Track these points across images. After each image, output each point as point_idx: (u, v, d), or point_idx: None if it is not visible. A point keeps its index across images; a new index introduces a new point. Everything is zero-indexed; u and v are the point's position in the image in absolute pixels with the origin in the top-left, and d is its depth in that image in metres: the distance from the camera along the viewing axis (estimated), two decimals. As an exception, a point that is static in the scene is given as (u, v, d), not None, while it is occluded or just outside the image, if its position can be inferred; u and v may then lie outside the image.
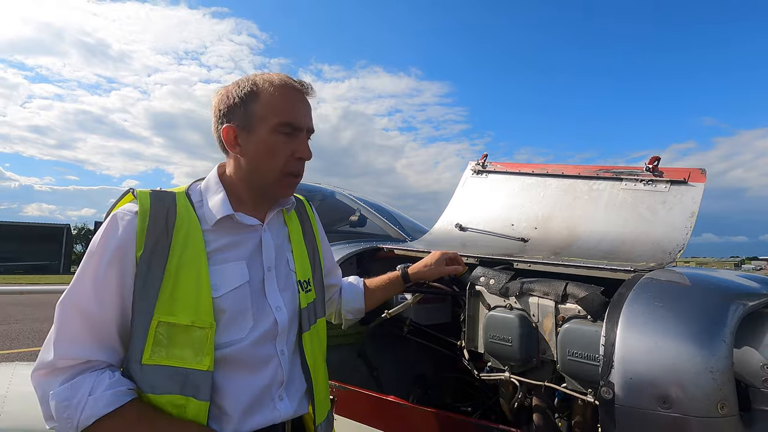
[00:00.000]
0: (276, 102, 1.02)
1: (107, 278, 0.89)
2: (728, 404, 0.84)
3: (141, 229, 0.92)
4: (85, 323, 0.88)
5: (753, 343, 1.02)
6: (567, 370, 1.09)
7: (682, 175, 1.42)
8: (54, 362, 0.85)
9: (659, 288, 1.02)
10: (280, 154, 1.03)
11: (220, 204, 1.02)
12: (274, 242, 1.08)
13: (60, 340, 0.86)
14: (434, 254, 1.48)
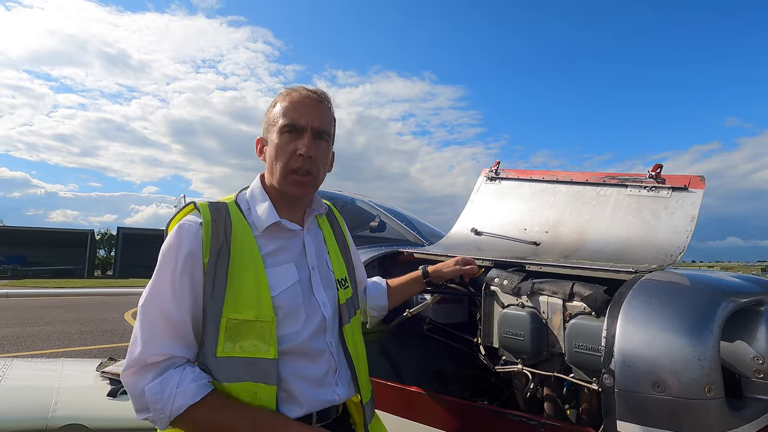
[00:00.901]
0: (282, 108, 1.15)
1: (182, 284, 1.01)
2: (715, 388, 0.95)
3: (206, 239, 1.03)
4: (167, 324, 1.00)
5: (745, 337, 1.12)
6: (573, 361, 1.21)
7: (683, 182, 1.52)
8: (143, 359, 0.97)
9: (656, 287, 1.13)
10: (283, 152, 1.13)
11: (267, 212, 1.13)
12: (314, 245, 1.22)
13: (147, 340, 0.98)
14: (454, 259, 1.61)
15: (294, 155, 1.12)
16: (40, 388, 2.24)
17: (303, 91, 1.17)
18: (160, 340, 0.99)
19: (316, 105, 1.16)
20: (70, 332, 9.95)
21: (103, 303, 16.85)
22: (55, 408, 2.05)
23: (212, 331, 1.01)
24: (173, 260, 1.02)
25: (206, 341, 1.01)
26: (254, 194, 1.18)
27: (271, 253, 1.11)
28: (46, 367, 2.69)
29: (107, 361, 2.67)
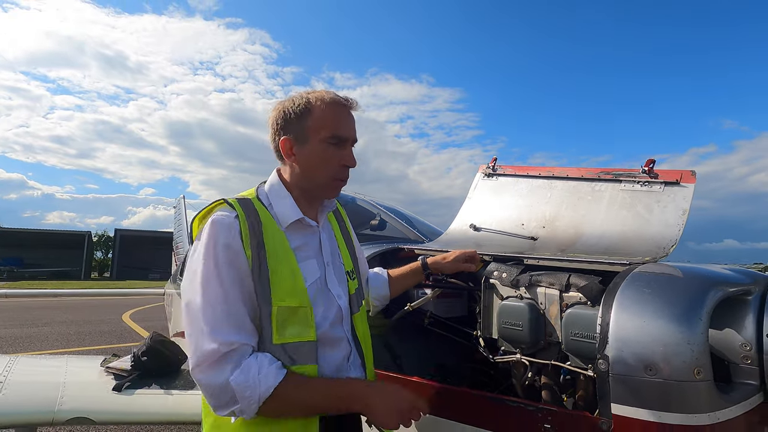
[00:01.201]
0: (326, 117, 1.18)
1: (229, 276, 1.03)
2: (703, 370, 1.00)
3: (245, 231, 1.07)
4: (224, 315, 1.02)
5: (733, 325, 1.17)
6: (570, 348, 1.25)
7: (674, 177, 1.58)
8: (218, 350, 0.99)
9: (649, 278, 1.18)
10: (330, 162, 1.19)
11: (291, 208, 1.19)
12: (328, 241, 1.28)
13: (211, 334, 1.00)
14: (454, 252, 1.66)
15: (340, 166, 1.20)
16: (46, 383, 2.27)
17: (343, 100, 1.22)
18: (224, 331, 1.01)
19: (352, 116, 1.23)
20: (69, 333, 9.94)
21: (101, 305, 16.80)
22: (62, 402, 2.08)
23: (267, 320, 1.06)
24: (215, 254, 1.04)
25: (263, 330, 1.06)
26: (275, 190, 1.23)
27: (298, 248, 1.18)
28: (51, 364, 2.72)
29: (111, 357, 2.70)
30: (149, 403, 2.26)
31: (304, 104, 1.19)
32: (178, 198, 10.30)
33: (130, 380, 2.37)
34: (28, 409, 2.04)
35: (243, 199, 1.17)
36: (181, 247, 8.73)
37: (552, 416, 1.18)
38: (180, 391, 2.41)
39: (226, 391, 1.00)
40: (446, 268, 1.63)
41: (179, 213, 9.73)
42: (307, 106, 1.19)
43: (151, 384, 2.40)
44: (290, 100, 1.22)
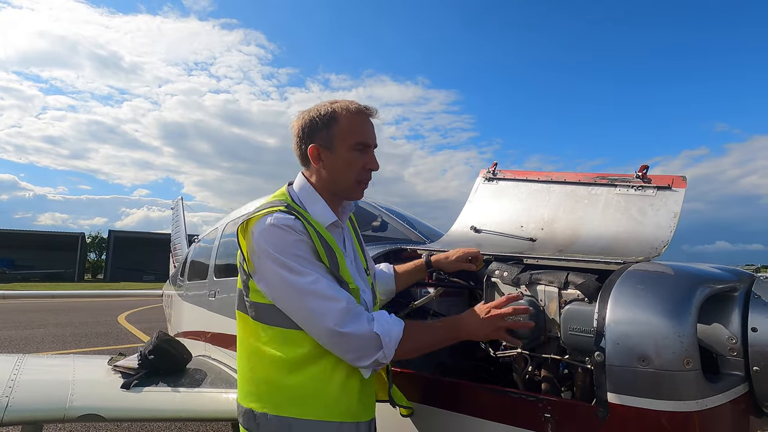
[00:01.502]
0: (352, 125, 1.29)
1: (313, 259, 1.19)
2: (692, 361, 1.08)
3: (309, 228, 1.21)
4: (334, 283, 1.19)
5: (720, 320, 1.25)
6: (569, 343, 1.33)
7: (666, 182, 1.66)
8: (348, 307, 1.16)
9: (642, 275, 1.26)
10: (355, 166, 1.30)
11: (326, 211, 1.32)
12: (350, 241, 1.41)
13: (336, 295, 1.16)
14: (458, 250, 1.75)
15: (364, 170, 1.32)
16: (56, 381, 2.32)
17: (365, 110, 1.33)
18: (342, 293, 1.18)
19: (372, 123, 1.35)
20: (65, 335, 9.90)
21: (96, 307, 16.72)
22: (72, 399, 2.13)
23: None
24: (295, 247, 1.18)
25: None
26: (307, 194, 1.33)
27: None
28: (59, 363, 2.77)
29: (117, 356, 2.75)
30: (158, 400, 2.31)
31: (330, 114, 1.30)
32: (175, 200, 10.33)
33: (137, 378, 2.42)
34: (40, 406, 2.08)
35: (286, 203, 1.27)
36: (179, 249, 8.74)
37: (552, 406, 1.25)
38: (187, 389, 2.47)
39: (372, 338, 1.17)
40: (449, 266, 1.72)
41: (177, 214, 9.74)
42: (333, 115, 1.30)
43: (159, 382, 2.46)
44: (316, 109, 1.32)
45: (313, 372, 1.18)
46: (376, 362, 1.18)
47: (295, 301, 1.17)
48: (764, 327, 1.16)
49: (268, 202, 1.29)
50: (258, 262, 1.19)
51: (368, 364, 1.18)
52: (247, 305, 1.26)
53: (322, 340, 1.17)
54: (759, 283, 1.26)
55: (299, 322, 1.18)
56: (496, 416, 1.37)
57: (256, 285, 1.22)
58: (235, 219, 3.48)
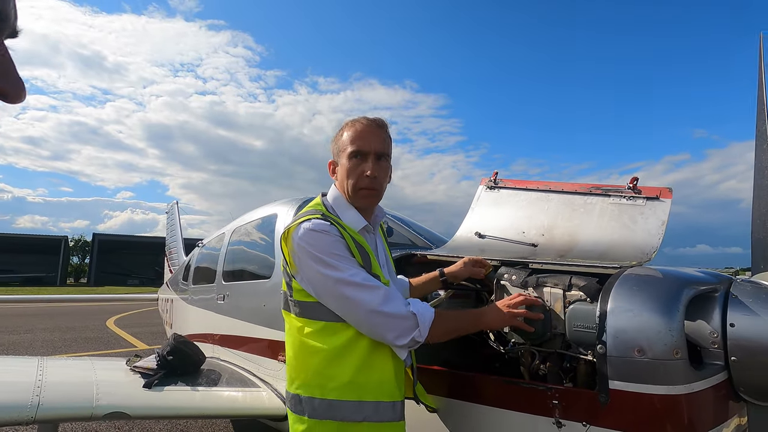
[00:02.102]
0: (350, 137, 1.42)
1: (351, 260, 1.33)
2: (681, 351, 1.26)
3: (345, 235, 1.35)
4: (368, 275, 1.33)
5: (704, 317, 1.44)
6: (573, 338, 1.50)
7: (655, 193, 1.85)
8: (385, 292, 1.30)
9: (637, 278, 1.44)
10: (353, 174, 1.42)
11: (357, 217, 1.45)
12: (381, 246, 1.56)
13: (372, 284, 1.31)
14: (463, 259, 1.92)
15: (361, 176, 1.41)
16: (81, 381, 2.41)
17: (365, 121, 1.46)
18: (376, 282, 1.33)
19: (377, 132, 1.44)
20: (54, 340, 9.78)
21: (82, 311, 16.43)
22: (98, 398, 2.23)
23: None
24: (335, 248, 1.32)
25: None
26: (339, 203, 1.47)
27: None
28: (79, 365, 2.85)
29: (134, 358, 2.85)
30: (179, 398, 2.42)
31: (340, 129, 1.48)
32: (170, 203, 10.29)
33: (158, 378, 2.52)
34: (69, 404, 2.18)
35: (321, 211, 1.41)
36: (174, 253, 8.74)
37: (559, 393, 1.42)
38: (205, 388, 2.58)
39: (409, 317, 1.31)
40: (460, 275, 1.89)
41: (172, 218, 9.73)
42: (339, 131, 1.47)
43: (177, 382, 2.57)
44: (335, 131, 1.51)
45: (352, 359, 1.32)
46: (413, 341, 1.32)
47: (336, 292, 1.30)
48: (741, 323, 1.35)
49: (305, 212, 1.43)
50: (299, 262, 1.33)
51: (407, 342, 1.31)
52: (291, 304, 1.41)
53: (364, 325, 1.31)
54: (736, 285, 1.45)
55: (341, 312, 1.31)
56: (509, 405, 1.53)
57: (299, 284, 1.36)
58: (241, 225, 3.60)
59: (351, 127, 1.44)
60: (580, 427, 1.37)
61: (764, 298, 1.36)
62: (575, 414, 1.39)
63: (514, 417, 1.51)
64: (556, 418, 1.42)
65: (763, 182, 1.50)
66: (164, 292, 6.75)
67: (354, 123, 1.45)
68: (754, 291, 1.40)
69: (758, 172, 1.52)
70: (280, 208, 3.02)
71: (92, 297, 13.05)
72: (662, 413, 1.25)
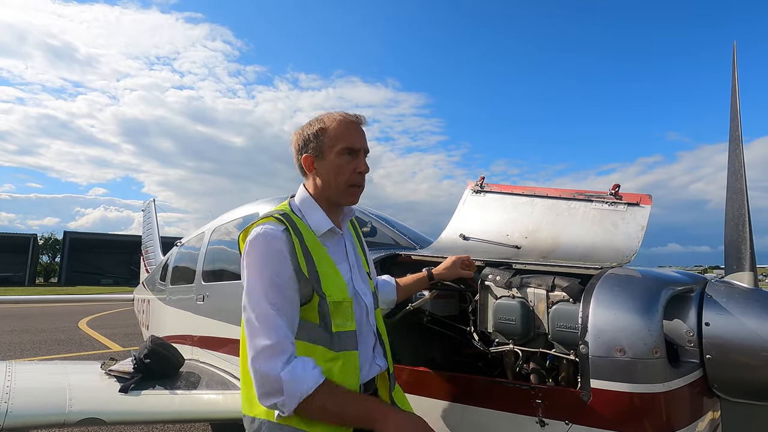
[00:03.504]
0: (339, 132, 1.35)
1: (283, 281, 1.20)
2: (660, 350, 1.30)
3: (295, 241, 1.24)
4: (281, 316, 1.18)
5: (680, 316, 1.49)
6: (556, 338, 1.53)
7: (635, 199, 1.91)
8: (272, 346, 1.14)
9: (618, 279, 1.48)
10: (345, 170, 1.35)
11: (323, 219, 1.37)
12: (351, 245, 1.47)
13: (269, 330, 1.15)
14: (450, 259, 1.90)
15: (354, 173, 1.36)
16: (52, 387, 2.32)
17: (353, 117, 1.39)
18: (281, 330, 1.17)
19: (362, 129, 1.40)
20: (22, 342, 9.40)
21: (51, 312, 15.85)
22: (71, 404, 2.15)
23: (326, 313, 1.25)
24: (270, 261, 1.21)
25: (324, 321, 1.25)
26: (306, 203, 1.40)
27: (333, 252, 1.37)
28: (51, 369, 2.74)
29: (109, 361, 2.76)
30: (157, 402, 2.36)
31: (319, 124, 1.37)
32: (147, 201, 10.06)
33: (134, 382, 2.45)
34: (39, 411, 2.09)
35: (284, 213, 1.33)
36: (151, 252, 8.53)
37: (543, 392, 1.45)
38: (184, 391, 2.52)
39: (276, 381, 1.13)
40: (448, 275, 1.87)
41: (149, 217, 9.50)
42: (321, 125, 1.37)
43: (155, 385, 2.50)
44: (308, 124, 1.41)
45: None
46: (275, 406, 1.16)
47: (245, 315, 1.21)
48: (715, 322, 1.40)
49: (267, 213, 1.35)
50: (244, 271, 1.25)
51: (267, 404, 1.17)
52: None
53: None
54: (711, 285, 1.51)
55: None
56: (493, 404, 1.55)
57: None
58: (221, 225, 3.53)
59: (339, 123, 1.36)
60: (563, 425, 1.40)
61: (737, 298, 1.42)
62: (558, 413, 1.42)
63: (497, 416, 1.53)
64: (539, 417, 1.44)
65: (736, 185, 1.55)
66: (140, 292, 6.58)
67: (341, 119, 1.38)
68: (727, 291, 1.45)
69: (731, 176, 1.58)
70: (261, 207, 2.98)
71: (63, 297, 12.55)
72: (642, 411, 1.29)
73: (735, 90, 1.61)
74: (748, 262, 1.47)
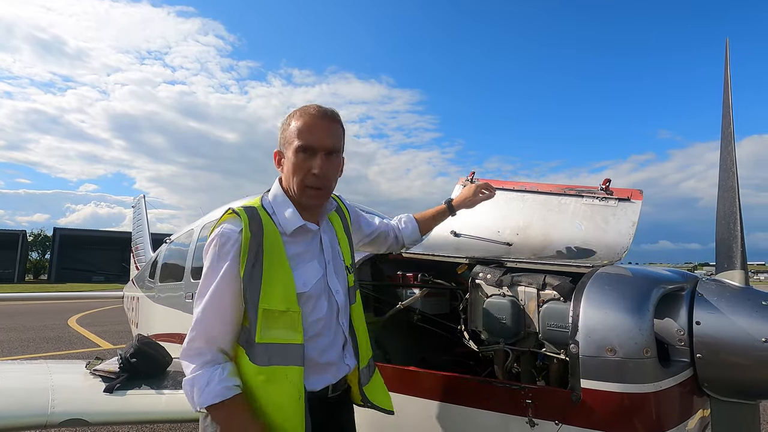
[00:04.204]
0: (296, 128, 1.27)
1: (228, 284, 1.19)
2: (651, 350, 1.29)
3: (245, 244, 1.20)
4: (217, 318, 1.19)
5: (671, 315, 1.47)
6: (546, 337, 1.51)
7: (626, 194, 1.89)
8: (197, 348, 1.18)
9: (608, 278, 1.46)
10: (299, 170, 1.28)
11: (294, 216, 1.29)
12: (329, 240, 1.41)
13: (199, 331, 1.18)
14: (470, 187, 1.91)
15: (308, 173, 1.28)
16: (34, 387, 2.27)
17: (315, 111, 1.30)
18: (208, 333, 1.19)
19: (327, 125, 1.30)
20: (10, 340, 9.27)
21: (41, 309, 15.67)
22: (54, 404, 2.10)
23: (252, 320, 1.19)
24: (217, 264, 1.20)
25: (249, 329, 1.20)
26: (278, 200, 1.33)
27: (300, 253, 1.30)
28: (33, 369, 2.67)
29: (95, 361, 2.70)
30: (143, 402, 2.31)
31: (286, 119, 1.33)
32: (137, 197, 9.91)
33: (120, 382, 2.40)
34: (20, 413, 2.04)
35: (249, 207, 1.28)
36: (141, 249, 8.42)
37: (533, 392, 1.43)
38: (171, 390, 2.47)
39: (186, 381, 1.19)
40: (468, 204, 1.88)
41: (139, 213, 9.37)
42: (287, 120, 1.32)
43: (142, 385, 2.45)
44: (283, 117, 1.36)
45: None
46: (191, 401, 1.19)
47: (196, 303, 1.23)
48: (706, 321, 1.39)
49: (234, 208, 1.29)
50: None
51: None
52: None
53: None
54: (702, 284, 1.49)
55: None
56: (483, 404, 1.53)
57: None
58: (211, 221, 3.48)
59: (300, 118, 1.29)
60: (553, 425, 1.38)
61: (728, 297, 1.40)
62: (548, 413, 1.40)
63: (487, 416, 1.51)
64: (529, 417, 1.42)
65: (727, 183, 1.54)
66: (130, 289, 6.50)
67: (303, 113, 1.30)
68: (718, 290, 1.44)
69: (723, 173, 1.57)
70: (252, 204, 2.93)
71: (53, 295, 12.41)
72: (632, 411, 1.27)
73: (728, 87, 1.59)
74: (739, 261, 1.46)
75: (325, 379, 1.30)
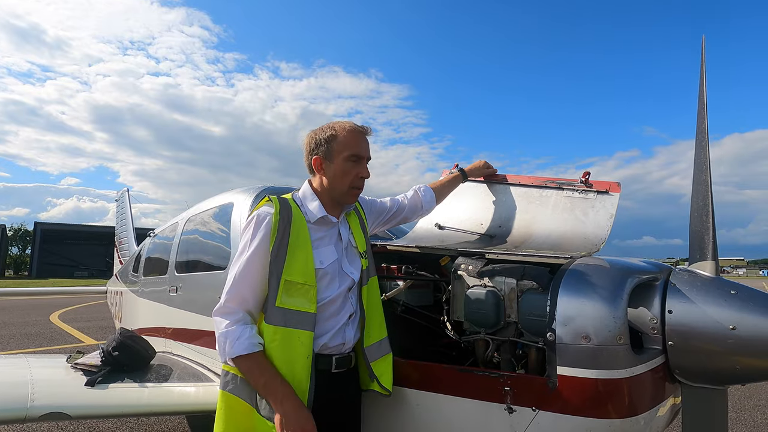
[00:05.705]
0: (347, 141, 1.60)
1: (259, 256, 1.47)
2: (624, 338, 1.33)
3: (275, 224, 1.49)
4: (247, 284, 1.47)
5: (644, 304, 1.52)
6: (525, 326, 1.54)
7: (605, 187, 1.93)
8: (229, 308, 1.45)
9: (585, 268, 1.50)
10: (349, 175, 1.60)
11: (318, 208, 1.60)
12: (346, 233, 1.68)
13: (232, 293, 1.46)
14: (480, 161, 2.34)
15: (357, 177, 1.62)
16: (13, 380, 2.24)
17: (359, 128, 1.65)
18: (241, 295, 1.47)
19: (367, 139, 1.66)
20: (6, 335, 9.08)
21: (22, 305, 15.35)
22: (33, 398, 2.08)
23: (274, 288, 1.46)
24: (253, 238, 1.49)
25: (270, 295, 1.47)
26: (306, 195, 1.65)
27: (321, 238, 1.59)
28: (12, 363, 2.64)
29: (76, 355, 2.68)
30: (126, 396, 2.30)
31: (331, 131, 1.61)
32: (120, 191, 9.72)
33: (101, 375, 2.38)
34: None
35: (282, 198, 1.60)
36: (125, 243, 8.28)
37: (511, 380, 1.46)
38: (154, 384, 2.47)
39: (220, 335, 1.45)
40: (478, 174, 2.31)
41: (123, 207, 9.20)
42: (332, 132, 1.61)
43: (124, 378, 2.43)
44: (320, 129, 1.64)
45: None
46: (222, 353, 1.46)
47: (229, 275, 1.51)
48: (678, 309, 1.43)
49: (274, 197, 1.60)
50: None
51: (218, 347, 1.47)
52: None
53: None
54: (675, 274, 1.54)
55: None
56: (464, 392, 1.56)
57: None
58: (196, 214, 3.45)
59: (348, 132, 1.60)
60: (530, 411, 1.42)
61: (699, 287, 1.45)
62: (525, 399, 1.43)
63: (467, 404, 1.54)
64: (508, 404, 1.45)
65: (701, 177, 1.59)
66: (113, 284, 6.40)
67: (350, 128, 1.62)
68: (690, 279, 1.49)
69: (697, 168, 1.61)
70: (237, 196, 2.91)
71: (34, 290, 12.17)
72: (606, 396, 1.31)
73: (702, 83, 1.64)
74: (710, 252, 1.51)
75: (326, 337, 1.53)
